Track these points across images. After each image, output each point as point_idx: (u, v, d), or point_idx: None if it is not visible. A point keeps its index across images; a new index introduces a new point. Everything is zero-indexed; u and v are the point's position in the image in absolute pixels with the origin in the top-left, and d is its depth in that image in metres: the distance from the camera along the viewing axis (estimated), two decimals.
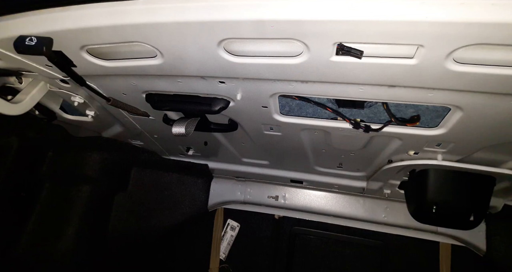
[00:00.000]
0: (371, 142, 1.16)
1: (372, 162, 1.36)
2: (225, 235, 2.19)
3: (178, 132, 1.09)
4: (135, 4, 0.65)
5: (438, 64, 0.64)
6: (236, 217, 2.19)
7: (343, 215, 1.90)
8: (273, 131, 1.18)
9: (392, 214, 1.83)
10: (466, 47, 0.58)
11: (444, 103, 0.83)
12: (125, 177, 1.86)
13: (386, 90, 0.79)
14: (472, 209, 1.27)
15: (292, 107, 1.04)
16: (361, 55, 0.64)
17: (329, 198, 1.91)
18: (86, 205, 1.66)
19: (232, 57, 0.74)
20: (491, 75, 0.65)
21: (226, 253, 2.18)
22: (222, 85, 0.89)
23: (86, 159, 1.64)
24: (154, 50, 0.76)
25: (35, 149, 1.59)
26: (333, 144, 1.21)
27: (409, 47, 0.63)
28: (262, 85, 0.87)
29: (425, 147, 1.09)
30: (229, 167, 1.80)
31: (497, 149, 1.03)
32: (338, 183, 1.69)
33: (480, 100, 0.77)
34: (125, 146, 1.67)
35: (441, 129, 0.96)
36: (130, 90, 1.02)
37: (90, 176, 1.65)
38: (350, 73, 0.72)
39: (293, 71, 0.75)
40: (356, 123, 0.99)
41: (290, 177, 1.76)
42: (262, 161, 1.66)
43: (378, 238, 1.98)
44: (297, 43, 0.66)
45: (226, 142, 1.45)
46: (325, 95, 0.89)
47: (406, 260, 1.98)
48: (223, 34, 0.66)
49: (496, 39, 0.55)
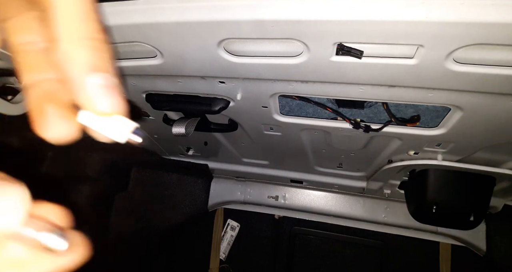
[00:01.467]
0: (371, 142, 1.16)
1: (372, 162, 1.36)
2: (225, 235, 2.19)
3: (178, 132, 1.09)
4: (135, 4, 0.65)
5: (438, 64, 0.64)
6: (236, 217, 2.19)
7: (343, 215, 1.90)
8: (273, 131, 1.18)
9: (392, 214, 1.83)
10: (466, 47, 0.58)
11: (444, 103, 0.83)
12: (125, 177, 1.86)
13: (386, 90, 0.79)
14: (472, 209, 1.27)
15: (292, 107, 1.04)
16: (361, 55, 0.64)
17: (329, 198, 1.91)
18: (86, 205, 1.66)
19: (232, 57, 0.74)
20: (491, 75, 0.65)
21: (226, 253, 2.18)
22: (222, 85, 0.89)
23: (86, 159, 1.64)
24: (154, 50, 0.76)
25: (35, 149, 1.59)
26: (333, 144, 1.21)
27: (409, 47, 0.63)
28: (262, 85, 0.87)
29: (425, 147, 1.09)
30: (229, 167, 1.80)
31: (497, 149, 1.03)
32: (338, 183, 1.69)
33: (480, 100, 0.77)
34: (125, 146, 1.67)
35: (441, 129, 0.96)
36: (130, 90, 1.02)
37: (90, 176, 1.65)
38: (350, 73, 0.73)
39: (293, 71, 0.75)
40: (356, 123, 0.99)
41: (290, 177, 1.76)
42: (262, 161, 1.66)
43: (378, 238, 1.99)
44: (297, 43, 0.66)
45: (226, 142, 1.45)
46: (325, 95, 0.89)
47: (406, 260, 1.98)
48: (223, 34, 0.66)
49: (496, 39, 0.55)
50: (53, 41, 0.25)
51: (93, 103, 0.25)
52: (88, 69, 0.25)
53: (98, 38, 0.25)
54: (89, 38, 0.25)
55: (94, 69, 0.25)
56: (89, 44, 0.25)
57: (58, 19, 0.24)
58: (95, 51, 0.25)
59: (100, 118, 0.27)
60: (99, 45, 0.25)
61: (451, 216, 1.30)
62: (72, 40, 0.24)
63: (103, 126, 0.27)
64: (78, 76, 0.25)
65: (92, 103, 0.25)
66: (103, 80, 0.25)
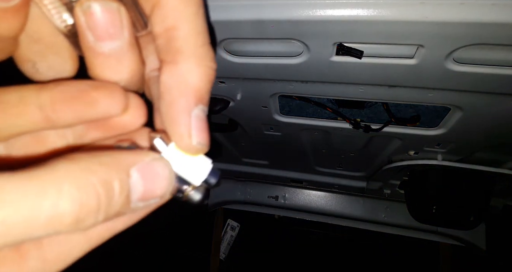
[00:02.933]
0: (371, 142, 1.16)
1: (372, 162, 1.36)
2: (225, 235, 2.19)
3: None
4: None
5: (438, 64, 0.64)
6: (236, 217, 2.19)
7: (343, 215, 1.90)
8: (273, 131, 1.18)
9: (392, 214, 1.83)
10: (466, 47, 0.58)
11: (444, 103, 0.83)
12: None
13: (386, 90, 0.79)
14: (472, 209, 1.27)
15: (292, 107, 1.04)
16: (361, 55, 0.64)
17: (329, 198, 1.91)
18: None
19: (232, 57, 0.74)
20: (491, 75, 0.65)
21: (226, 253, 2.18)
22: (222, 85, 0.89)
23: None
24: None
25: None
26: (333, 144, 1.21)
27: (409, 47, 0.63)
28: (262, 85, 0.87)
29: (425, 147, 1.09)
30: (229, 167, 1.80)
31: (497, 149, 1.03)
32: (338, 183, 1.69)
33: (480, 100, 0.77)
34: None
35: (441, 129, 0.96)
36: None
37: None
38: (350, 73, 0.73)
39: (293, 71, 0.75)
40: (356, 123, 1.00)
41: (290, 177, 1.76)
42: (262, 161, 1.66)
43: (378, 238, 1.99)
44: (297, 43, 0.66)
45: (226, 142, 1.45)
46: (325, 95, 0.89)
47: (406, 260, 1.98)
48: (223, 34, 0.66)
49: (496, 39, 0.55)
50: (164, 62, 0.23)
51: (190, 136, 0.22)
52: (198, 98, 0.22)
53: (213, 68, 0.23)
54: (206, 65, 0.23)
55: (201, 100, 0.22)
56: (206, 72, 0.23)
57: (181, 39, 0.22)
58: (208, 81, 0.23)
59: (182, 155, 0.23)
60: (212, 76, 0.23)
61: (451, 216, 1.30)
62: (192, 63, 0.22)
63: (181, 164, 0.23)
64: (187, 102, 0.22)
65: (188, 136, 0.22)
66: (204, 113, 0.23)
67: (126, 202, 0.19)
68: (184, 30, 0.22)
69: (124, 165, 0.19)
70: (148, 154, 0.21)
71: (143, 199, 0.20)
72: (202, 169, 0.24)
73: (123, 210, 0.19)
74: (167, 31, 0.22)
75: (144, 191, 0.20)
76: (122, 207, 0.19)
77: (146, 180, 0.20)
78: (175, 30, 0.22)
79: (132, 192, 0.20)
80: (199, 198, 0.26)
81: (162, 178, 0.21)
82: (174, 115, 0.22)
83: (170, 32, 0.22)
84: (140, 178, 0.20)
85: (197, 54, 0.22)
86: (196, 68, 0.22)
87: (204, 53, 0.23)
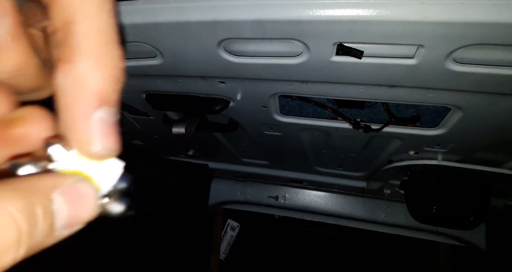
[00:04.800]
0: (371, 142, 1.16)
1: (372, 162, 1.36)
2: (225, 235, 2.19)
3: (178, 132, 1.09)
4: (135, 4, 0.65)
5: (438, 64, 0.64)
6: (236, 217, 2.19)
7: (343, 215, 1.90)
8: (273, 131, 1.18)
9: (392, 214, 1.83)
10: (466, 47, 0.58)
11: (444, 103, 0.83)
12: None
13: (386, 90, 0.79)
14: (472, 209, 1.27)
15: (292, 107, 1.04)
16: (361, 55, 0.64)
17: (329, 198, 1.91)
18: None
19: (232, 57, 0.74)
20: (491, 75, 0.65)
21: (226, 253, 2.18)
22: (222, 85, 0.89)
23: None
24: (154, 50, 0.76)
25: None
26: (333, 144, 1.21)
27: (409, 47, 0.63)
28: (262, 85, 0.87)
29: (425, 147, 1.09)
30: (229, 167, 1.80)
31: (497, 149, 1.03)
32: (338, 183, 1.69)
33: (480, 100, 0.77)
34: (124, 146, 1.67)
35: (441, 129, 0.96)
36: (130, 90, 1.02)
37: None
38: (350, 73, 0.73)
39: (293, 71, 0.75)
40: (356, 123, 0.99)
41: (290, 177, 1.76)
42: (262, 161, 1.66)
43: (378, 238, 1.99)
44: (297, 43, 0.66)
45: (226, 142, 1.45)
46: (325, 95, 0.89)
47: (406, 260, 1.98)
48: (223, 34, 0.66)
49: (496, 39, 0.55)
50: (60, 60, 0.20)
51: (90, 142, 0.20)
52: (100, 100, 0.20)
53: (118, 67, 0.21)
54: (110, 65, 0.21)
55: (105, 102, 0.21)
56: (109, 72, 0.21)
57: (79, 36, 0.20)
58: (113, 81, 0.21)
59: (85, 160, 0.21)
60: (118, 76, 0.21)
61: (451, 216, 1.30)
62: (91, 63, 0.20)
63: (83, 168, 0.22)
64: (85, 106, 0.20)
65: (88, 142, 0.20)
66: (109, 116, 0.21)
67: (50, 231, 0.17)
68: (83, 25, 0.20)
69: (44, 190, 0.18)
70: (70, 175, 0.20)
71: (69, 226, 0.19)
72: (110, 175, 0.23)
73: (46, 240, 0.17)
74: (65, 25, 0.20)
75: (70, 216, 0.18)
76: (45, 237, 0.17)
77: (71, 204, 0.19)
78: (73, 24, 0.20)
79: (56, 218, 0.18)
80: (120, 210, 0.24)
81: (88, 200, 0.20)
82: (69, 120, 0.20)
83: (68, 27, 0.20)
84: (64, 202, 0.18)
85: (99, 52, 0.20)
86: (96, 68, 0.20)
87: (107, 51, 0.21)
